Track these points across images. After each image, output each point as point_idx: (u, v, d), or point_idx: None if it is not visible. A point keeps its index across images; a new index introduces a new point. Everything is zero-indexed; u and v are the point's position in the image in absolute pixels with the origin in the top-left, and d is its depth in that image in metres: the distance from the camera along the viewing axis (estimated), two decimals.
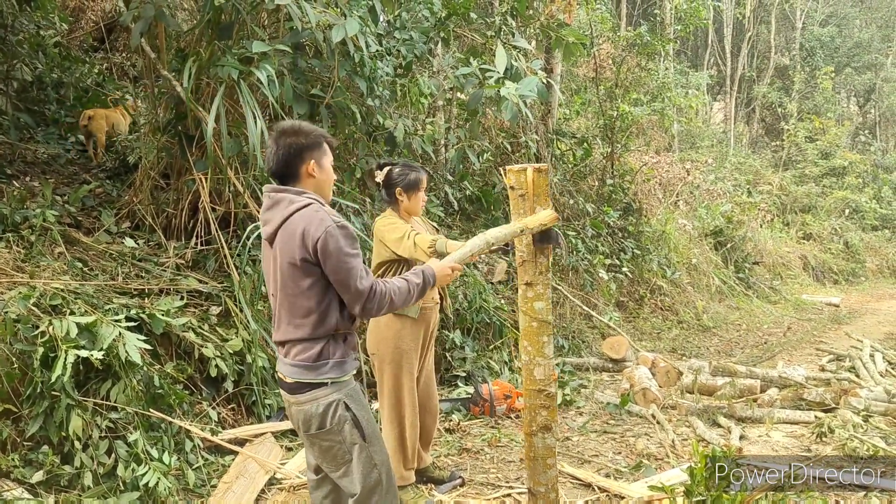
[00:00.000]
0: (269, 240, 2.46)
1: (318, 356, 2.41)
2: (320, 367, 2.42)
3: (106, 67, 7.96)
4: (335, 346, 2.44)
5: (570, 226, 9.35)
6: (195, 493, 3.81)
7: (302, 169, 2.46)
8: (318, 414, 2.42)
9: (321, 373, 2.42)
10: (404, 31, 6.11)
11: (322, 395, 2.42)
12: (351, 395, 2.47)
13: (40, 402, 3.52)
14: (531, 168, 2.94)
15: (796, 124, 22.69)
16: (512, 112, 5.45)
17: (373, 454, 2.48)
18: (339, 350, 2.45)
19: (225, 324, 4.90)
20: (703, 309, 10.83)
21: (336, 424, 2.42)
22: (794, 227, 19.03)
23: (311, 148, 2.45)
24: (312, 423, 2.44)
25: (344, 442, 2.44)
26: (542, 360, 3.05)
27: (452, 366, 6.29)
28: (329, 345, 2.43)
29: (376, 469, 2.47)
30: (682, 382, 6.32)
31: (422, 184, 3.78)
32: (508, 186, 3.01)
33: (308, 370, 2.42)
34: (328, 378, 2.42)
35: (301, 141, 2.43)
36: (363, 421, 2.47)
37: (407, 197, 3.75)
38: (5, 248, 4.49)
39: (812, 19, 28.00)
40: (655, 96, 12.51)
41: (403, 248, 3.59)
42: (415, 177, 3.74)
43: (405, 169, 3.76)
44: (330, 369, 2.42)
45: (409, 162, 3.89)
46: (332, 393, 2.43)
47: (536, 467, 3.10)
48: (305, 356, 2.41)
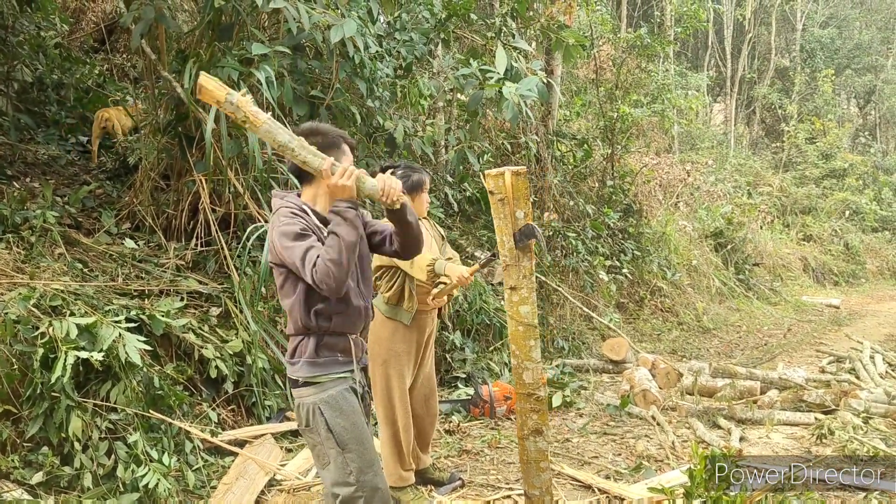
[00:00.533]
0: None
1: (294, 353, 2.49)
2: (294, 363, 2.47)
3: (106, 68, 7.96)
4: (306, 344, 2.45)
5: (571, 227, 9.35)
6: (195, 495, 3.81)
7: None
8: (302, 411, 2.48)
9: (294, 370, 2.47)
10: (404, 33, 6.11)
11: (305, 394, 2.46)
12: (328, 401, 2.43)
13: (40, 404, 3.52)
14: (509, 171, 2.87)
15: (796, 126, 22.70)
16: (513, 112, 5.45)
17: (348, 461, 2.42)
18: (310, 349, 2.44)
19: (225, 325, 4.90)
20: (704, 310, 10.83)
21: (314, 425, 2.45)
22: (795, 228, 19.04)
23: (328, 148, 2.45)
24: (300, 418, 2.50)
25: (323, 444, 2.45)
26: (531, 363, 3.02)
27: (452, 367, 6.30)
28: (303, 342, 2.46)
29: (352, 476, 2.42)
30: (682, 384, 6.32)
31: (424, 185, 3.78)
32: (488, 191, 2.94)
33: (288, 365, 2.52)
34: (299, 376, 2.45)
35: (318, 141, 2.44)
36: (337, 428, 2.42)
37: (410, 199, 3.75)
38: (5, 249, 4.49)
39: (812, 21, 28.01)
40: (655, 98, 12.52)
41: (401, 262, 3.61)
42: (417, 178, 3.73)
43: (408, 171, 3.75)
44: (300, 367, 2.45)
45: (411, 164, 3.88)
46: (309, 396, 2.44)
47: (530, 470, 3.09)
48: (288, 351, 2.53)
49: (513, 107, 5.42)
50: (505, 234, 2.96)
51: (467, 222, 8.65)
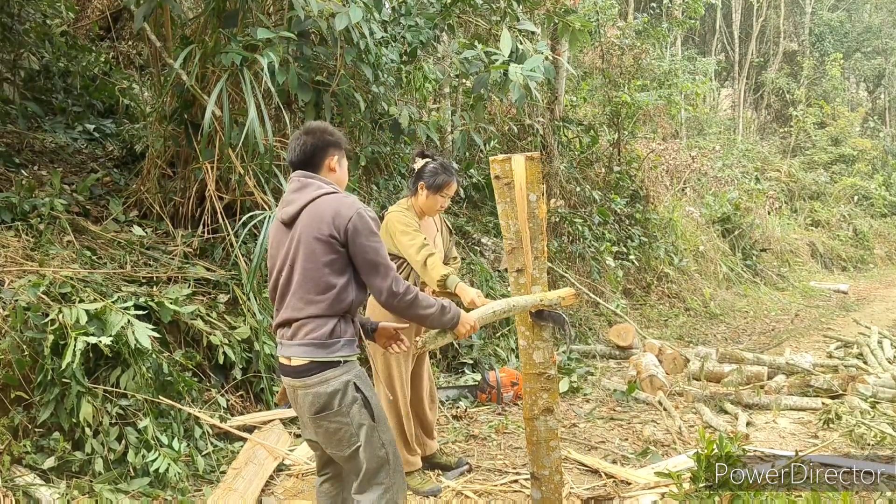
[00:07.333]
0: (290, 220, 2.52)
1: (331, 334, 2.45)
2: (332, 344, 2.45)
3: (112, 56, 7.94)
4: (346, 325, 2.50)
5: (577, 213, 9.33)
6: (205, 479, 3.86)
7: (325, 162, 2.61)
8: (326, 394, 2.44)
9: (333, 350, 2.45)
10: (409, 18, 6.07)
11: (333, 376, 2.45)
12: (360, 376, 2.52)
13: (51, 390, 3.55)
14: (523, 157, 2.95)
15: (805, 111, 22.51)
16: (518, 93, 5.41)
17: (381, 433, 2.52)
18: (350, 329, 2.51)
19: (233, 312, 4.93)
20: (711, 296, 10.81)
21: (345, 406, 2.45)
22: (803, 214, 18.93)
23: (336, 146, 2.64)
24: (320, 404, 2.45)
25: (352, 423, 2.47)
26: (541, 343, 3.07)
27: (459, 353, 6.31)
28: (341, 323, 2.48)
29: (384, 448, 2.52)
30: (688, 369, 6.32)
31: (447, 188, 3.74)
32: (493, 176, 3.02)
33: (320, 348, 2.44)
34: (340, 356, 2.46)
35: (328, 137, 2.62)
36: (373, 402, 2.52)
37: (426, 194, 3.73)
38: (15, 236, 4.51)
39: (822, 4, 27.69)
40: (662, 83, 12.42)
41: (412, 258, 3.60)
42: (442, 180, 3.71)
43: (439, 168, 3.73)
44: (342, 347, 2.47)
45: (447, 164, 3.82)
46: (343, 374, 2.46)
47: (539, 451, 3.11)
48: (318, 334, 2.44)
49: (518, 88, 5.38)
50: (510, 219, 3.00)
51: (474, 209, 8.64)
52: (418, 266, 3.60)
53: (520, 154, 2.99)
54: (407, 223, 3.67)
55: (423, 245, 3.59)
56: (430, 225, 3.90)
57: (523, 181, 2.94)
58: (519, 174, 2.95)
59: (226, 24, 4.91)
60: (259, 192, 5.07)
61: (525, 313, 3.04)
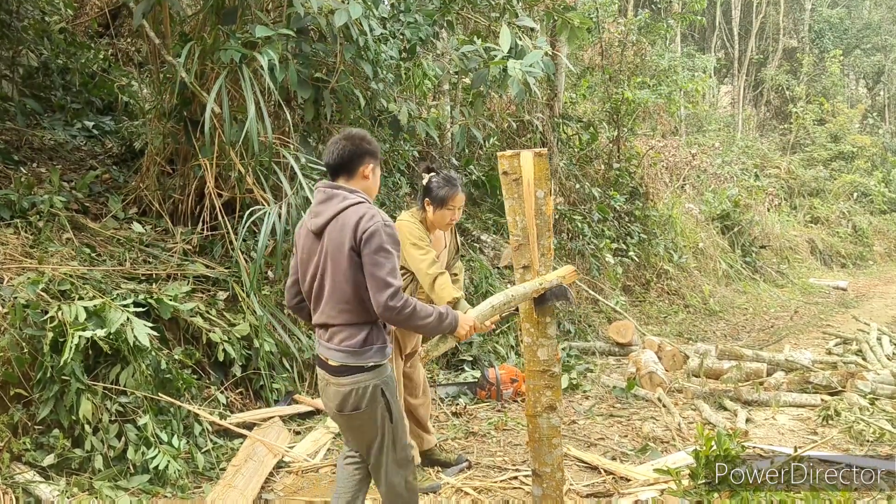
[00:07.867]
0: (318, 231, 2.62)
1: (364, 342, 2.59)
2: (365, 352, 2.60)
3: (111, 53, 7.93)
4: (378, 333, 2.64)
5: (577, 210, 9.33)
6: (204, 476, 3.86)
7: (360, 169, 2.69)
8: (354, 396, 2.60)
9: (365, 357, 2.60)
10: (409, 14, 6.06)
11: (364, 380, 2.60)
12: (387, 381, 2.66)
13: (51, 387, 3.55)
14: (532, 153, 2.95)
15: (804, 107, 22.49)
16: (518, 88, 5.40)
17: (400, 431, 2.72)
18: (382, 336, 2.65)
19: (232, 309, 4.93)
20: (710, 293, 10.81)
21: (369, 407, 2.62)
22: (802, 210, 18.92)
23: (372, 154, 2.73)
24: (348, 403, 2.61)
25: (375, 423, 2.65)
26: (546, 340, 3.07)
27: (459, 350, 6.31)
28: (373, 331, 2.62)
29: (404, 451, 2.74)
30: (688, 366, 6.33)
31: (451, 200, 3.66)
32: (501, 172, 3.04)
33: (353, 355, 2.59)
34: (372, 362, 2.61)
35: (365, 146, 2.71)
36: (393, 406, 2.68)
37: (433, 209, 3.69)
38: (14, 234, 4.51)
39: (821, 1, 27.65)
40: (662, 80, 12.41)
41: (421, 272, 3.56)
42: (445, 192, 3.64)
43: (442, 182, 3.67)
44: (373, 354, 2.61)
45: (451, 176, 3.73)
46: (373, 379, 2.61)
47: (541, 448, 3.12)
48: (352, 342, 2.59)
49: (518, 83, 5.36)
50: (517, 215, 3.01)
51: (473, 206, 8.64)
52: (427, 282, 3.55)
53: (528, 150, 3.00)
54: (420, 237, 3.63)
55: (433, 262, 3.57)
56: (439, 239, 3.87)
57: (531, 177, 2.95)
58: (527, 170, 2.96)
59: (225, 21, 4.90)
60: (258, 188, 5.07)
61: (530, 309, 3.04)
